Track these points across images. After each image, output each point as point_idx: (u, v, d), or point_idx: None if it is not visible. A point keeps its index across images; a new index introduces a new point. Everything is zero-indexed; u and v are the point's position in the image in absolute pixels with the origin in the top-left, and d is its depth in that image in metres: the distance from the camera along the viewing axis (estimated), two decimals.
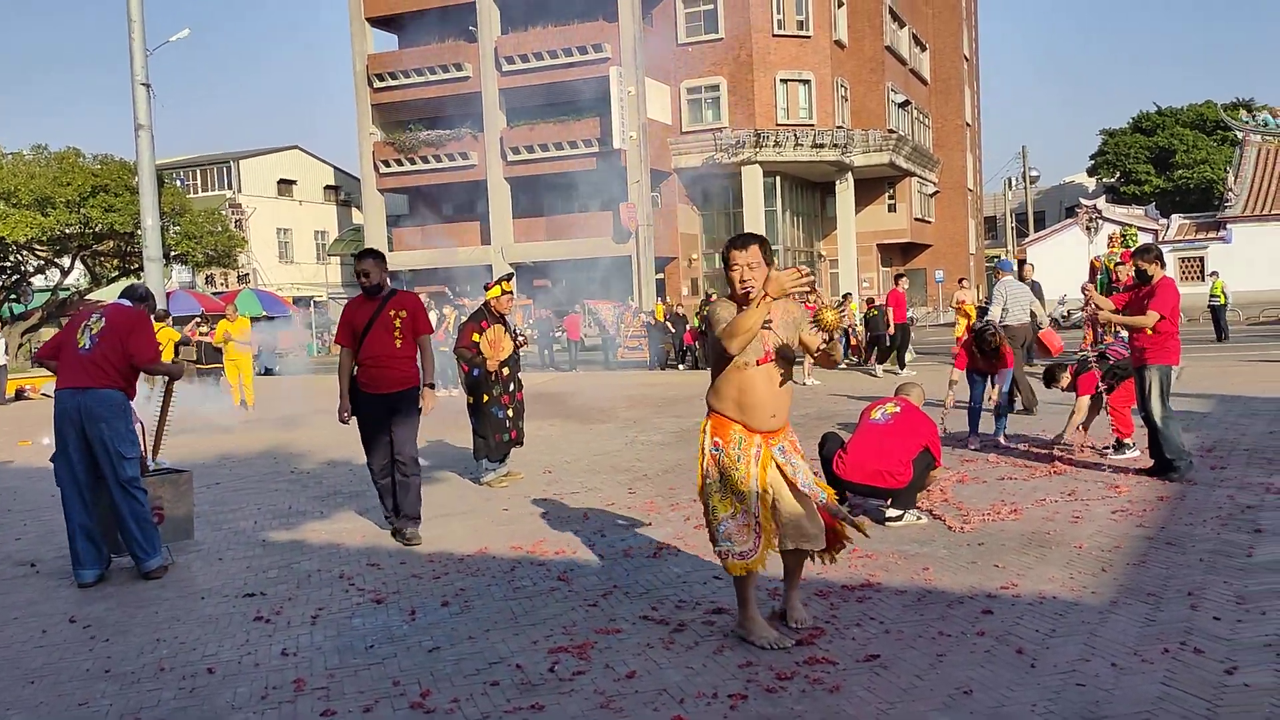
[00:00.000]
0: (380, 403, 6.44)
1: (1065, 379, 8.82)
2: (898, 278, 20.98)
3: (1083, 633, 4.22)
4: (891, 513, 6.33)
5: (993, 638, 4.21)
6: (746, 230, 36.43)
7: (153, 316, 6.54)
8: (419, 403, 6.46)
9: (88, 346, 5.81)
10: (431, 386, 6.52)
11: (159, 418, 6.69)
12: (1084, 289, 7.78)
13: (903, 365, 18.47)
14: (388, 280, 6.65)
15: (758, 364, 4.14)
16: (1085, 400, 8.48)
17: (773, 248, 4.53)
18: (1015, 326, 11.68)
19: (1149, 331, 7.24)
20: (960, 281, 22.85)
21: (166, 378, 6.57)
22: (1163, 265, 7.52)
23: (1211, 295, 24.32)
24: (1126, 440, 8.32)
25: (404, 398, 6.44)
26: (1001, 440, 9.26)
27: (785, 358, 4.21)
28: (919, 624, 4.42)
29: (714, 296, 23.63)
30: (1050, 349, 11.99)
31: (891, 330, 18.97)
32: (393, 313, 6.44)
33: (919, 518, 6.35)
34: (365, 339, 6.40)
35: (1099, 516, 6.25)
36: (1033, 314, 12.16)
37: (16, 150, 30.08)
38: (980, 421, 9.45)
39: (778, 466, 4.23)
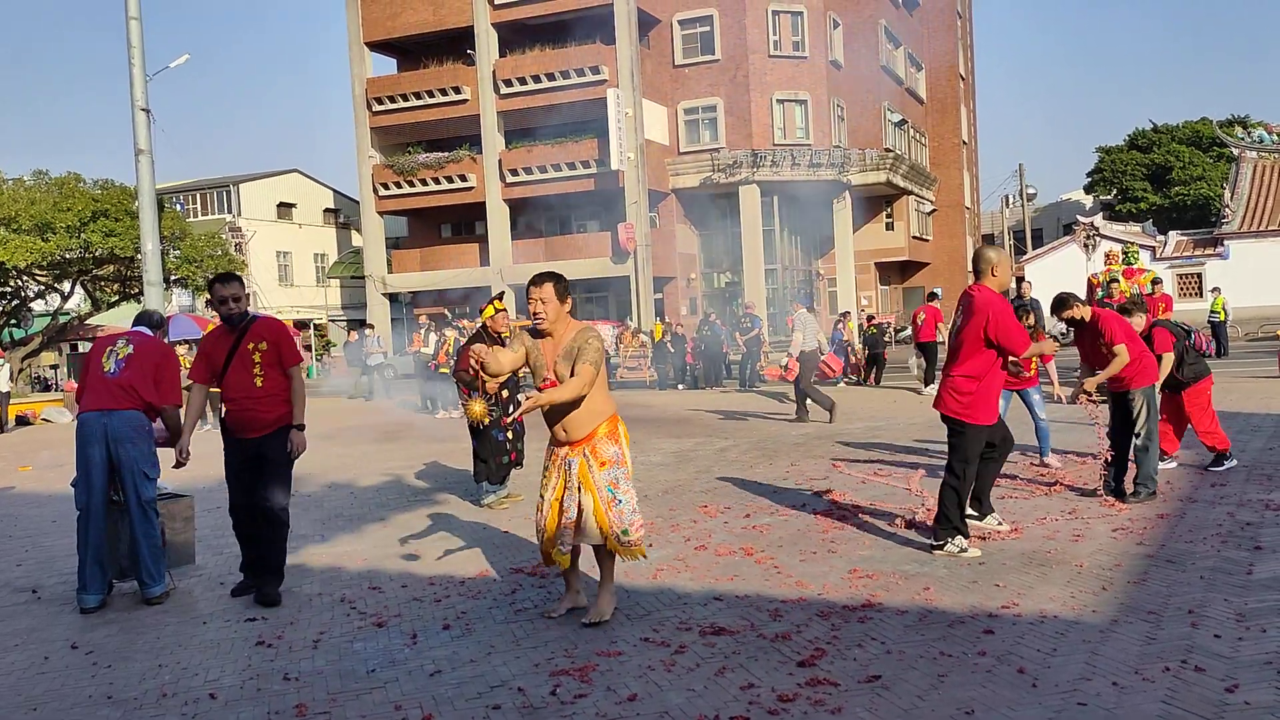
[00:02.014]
0: (245, 448, 5.79)
1: (1030, 319, 8.61)
2: (930, 295, 20.82)
3: (1084, 651, 4.23)
4: (934, 544, 6.01)
5: (994, 657, 4.22)
6: (745, 250, 36.65)
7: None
8: (288, 447, 5.80)
9: (113, 370, 5.90)
10: (300, 427, 5.82)
11: None
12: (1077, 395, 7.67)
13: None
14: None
15: (540, 389, 4.96)
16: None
17: (565, 284, 5.10)
18: (808, 351, 14.11)
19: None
20: None
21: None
22: (1084, 302, 7.54)
23: (1212, 311, 24.37)
24: (1224, 451, 8.20)
25: (270, 442, 5.76)
26: (1049, 462, 8.85)
27: (561, 381, 4.90)
28: (920, 644, 4.43)
29: (713, 316, 23.67)
30: (834, 369, 15.84)
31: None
32: (251, 346, 5.78)
33: (962, 549, 5.90)
34: (225, 377, 5.78)
35: (1099, 535, 6.26)
36: (819, 341, 14.69)
37: (17, 176, 30.21)
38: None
39: (574, 471, 4.94)
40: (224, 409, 5.85)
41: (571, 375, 4.86)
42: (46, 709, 4.26)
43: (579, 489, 4.92)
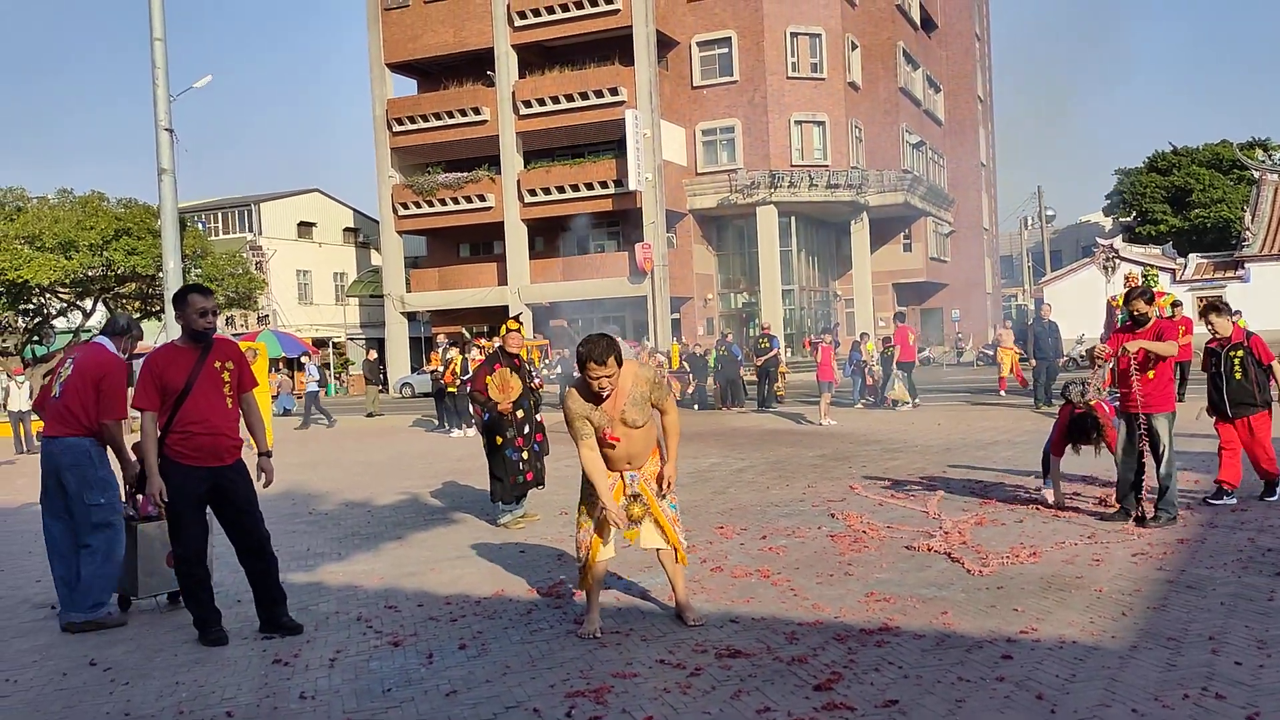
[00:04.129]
0: (207, 478, 5.31)
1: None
2: (899, 316, 21.40)
3: (1103, 678, 4.19)
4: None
5: (1012, 683, 4.18)
6: (762, 271, 36.60)
7: (124, 352, 6.10)
8: (257, 475, 5.50)
9: (57, 394, 5.88)
10: (268, 454, 5.59)
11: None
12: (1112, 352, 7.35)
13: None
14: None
15: (611, 439, 5.04)
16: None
17: (618, 347, 5.08)
18: None
19: (1148, 376, 7.18)
20: (1006, 321, 23.30)
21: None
22: (1151, 302, 7.36)
23: None
24: (1228, 489, 7.75)
25: (237, 471, 5.42)
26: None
27: (635, 427, 5.06)
28: (938, 669, 4.40)
29: (729, 336, 23.67)
30: None
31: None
32: (218, 365, 5.37)
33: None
34: (188, 399, 5.24)
35: (1119, 559, 6.21)
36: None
37: (42, 194, 30.55)
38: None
39: (635, 487, 5.14)
40: (175, 435, 5.25)
41: (660, 413, 5.18)
42: None
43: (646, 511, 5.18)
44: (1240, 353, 7.83)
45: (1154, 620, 4.95)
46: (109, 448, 5.96)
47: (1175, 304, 17.83)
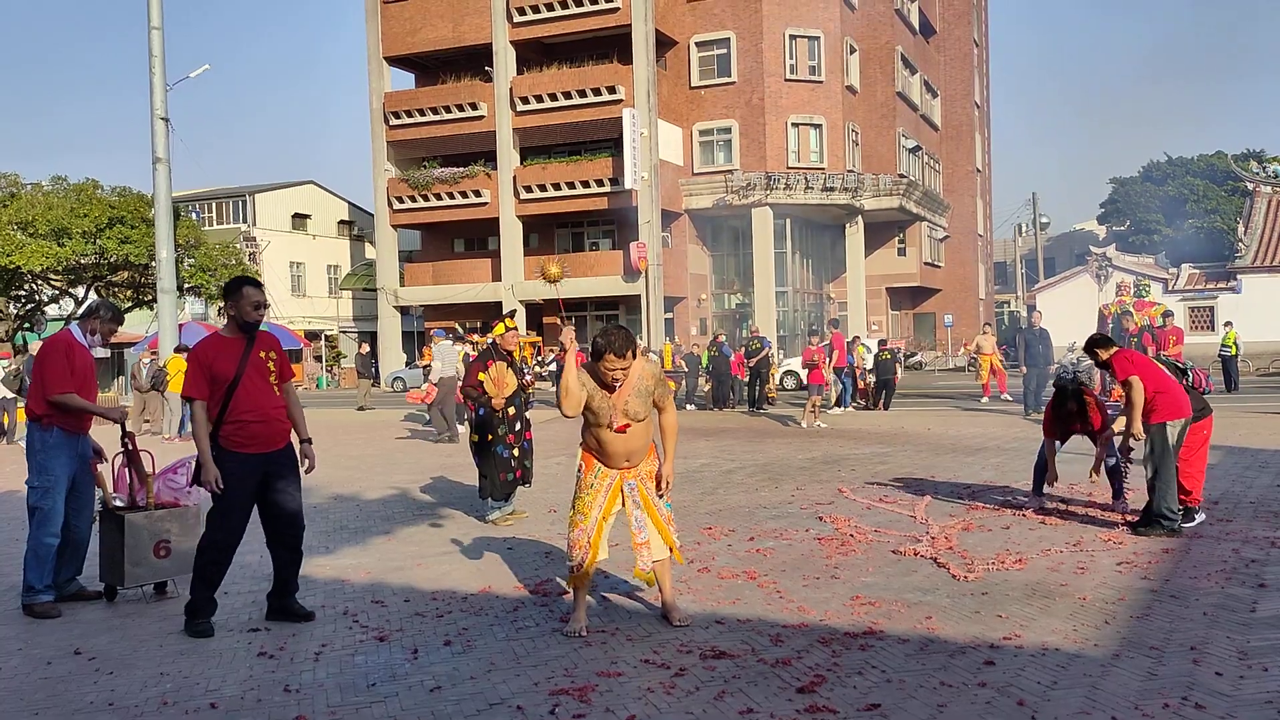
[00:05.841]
0: (260, 465, 5.42)
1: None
2: (834, 323, 21.58)
3: (1084, 685, 4.22)
4: None
5: (994, 689, 4.21)
6: (756, 272, 36.61)
7: (91, 333, 6.17)
8: (300, 461, 5.62)
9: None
10: (309, 441, 5.66)
11: (128, 461, 6.28)
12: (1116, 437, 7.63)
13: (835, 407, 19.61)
14: None
15: (616, 429, 5.11)
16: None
17: (634, 340, 5.21)
18: (446, 378, 15.77)
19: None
20: (985, 327, 23.26)
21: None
22: (1108, 345, 7.45)
23: (1223, 345, 24.30)
24: (1194, 507, 7.54)
25: (289, 456, 5.57)
26: (1124, 507, 8.03)
27: (638, 420, 5.14)
28: (921, 673, 4.42)
29: (720, 337, 23.69)
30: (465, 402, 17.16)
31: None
32: (263, 355, 5.48)
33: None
34: (239, 388, 5.33)
35: (1104, 568, 6.25)
36: (458, 369, 16.11)
37: (36, 181, 30.49)
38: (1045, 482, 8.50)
39: (636, 495, 5.25)
40: (228, 425, 5.34)
41: (658, 412, 5.30)
42: (48, 714, 4.27)
43: (642, 510, 5.27)
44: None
45: (1137, 629, 4.98)
46: (91, 415, 6.11)
47: (1166, 314, 17.89)
